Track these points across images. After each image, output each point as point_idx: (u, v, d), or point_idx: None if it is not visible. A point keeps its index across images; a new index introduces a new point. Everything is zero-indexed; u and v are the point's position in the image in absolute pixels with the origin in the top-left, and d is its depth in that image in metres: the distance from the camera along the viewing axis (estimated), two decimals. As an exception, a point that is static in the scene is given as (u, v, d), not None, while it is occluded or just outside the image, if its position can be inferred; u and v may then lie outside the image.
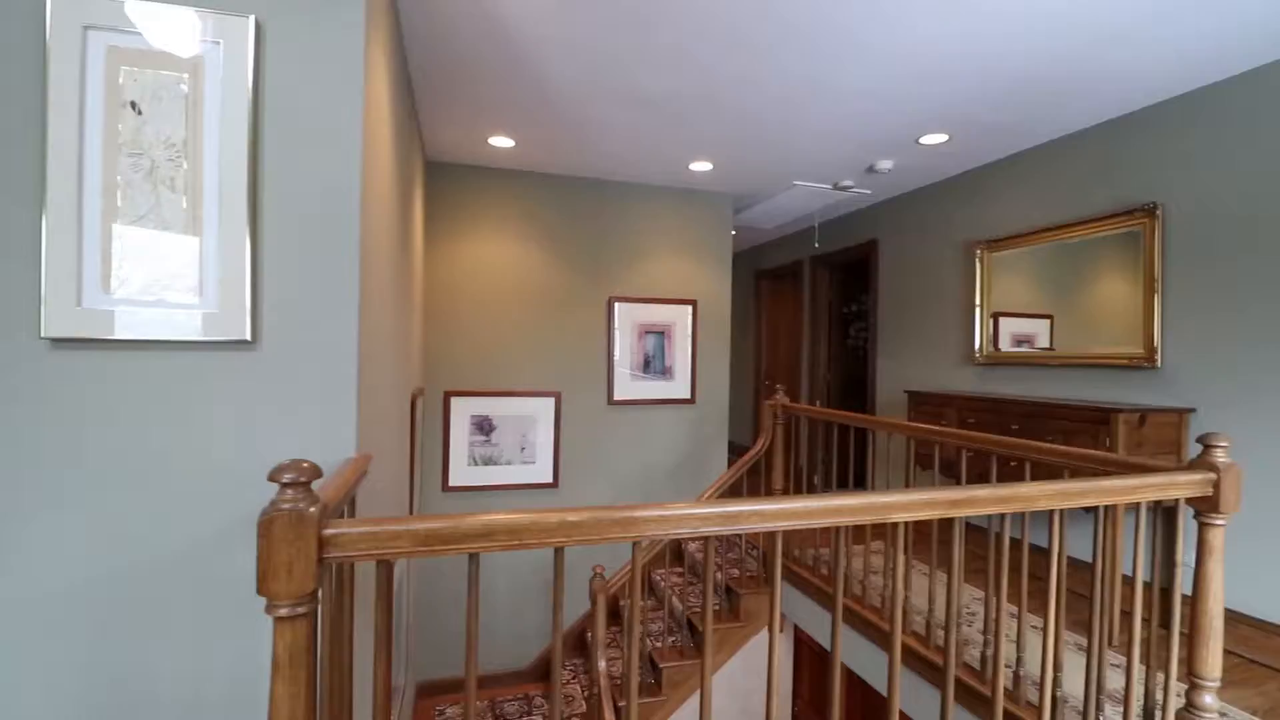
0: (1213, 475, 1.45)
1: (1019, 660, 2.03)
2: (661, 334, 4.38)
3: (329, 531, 0.98)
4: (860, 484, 5.38)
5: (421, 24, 2.33)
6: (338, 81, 1.44)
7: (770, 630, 1.26)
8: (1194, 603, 1.52)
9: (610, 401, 4.24)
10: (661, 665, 3.25)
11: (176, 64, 1.35)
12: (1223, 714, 2.07)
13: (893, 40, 2.40)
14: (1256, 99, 2.56)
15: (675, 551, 4.14)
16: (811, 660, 3.91)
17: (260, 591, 0.92)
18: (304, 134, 1.42)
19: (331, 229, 1.44)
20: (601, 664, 2.90)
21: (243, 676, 1.37)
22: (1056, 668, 1.86)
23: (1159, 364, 2.86)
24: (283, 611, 0.93)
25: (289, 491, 0.96)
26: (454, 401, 3.91)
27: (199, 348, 1.36)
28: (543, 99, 2.98)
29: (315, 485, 1.32)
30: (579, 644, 4.16)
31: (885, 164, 3.90)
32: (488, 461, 3.95)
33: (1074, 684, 2.12)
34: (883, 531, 3.72)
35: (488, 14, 2.26)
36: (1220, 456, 1.47)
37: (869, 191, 4.56)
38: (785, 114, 3.13)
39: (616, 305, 4.28)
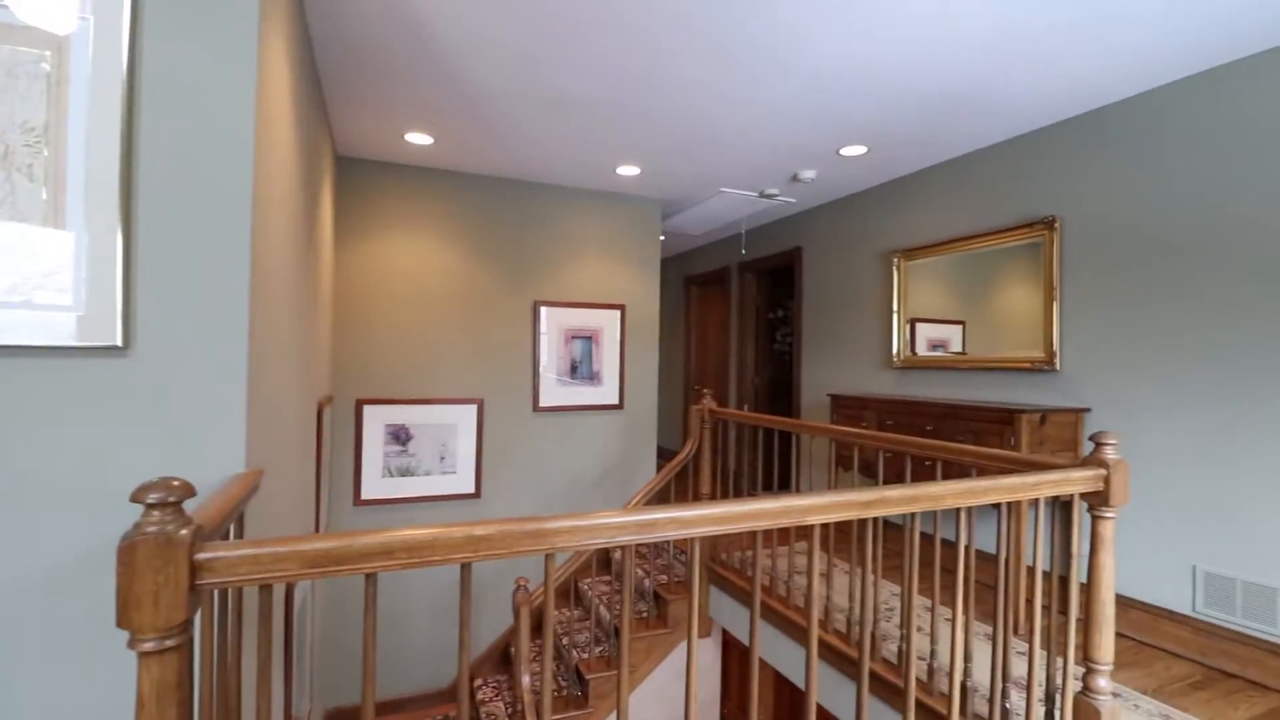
0: (1103, 471, 1.53)
1: (932, 653, 2.09)
2: (589, 339, 4.33)
3: (203, 556, 0.88)
4: (788, 485, 5.50)
5: (327, 10, 2.20)
6: (228, 67, 1.33)
7: (689, 638, 1.24)
8: (1088, 591, 1.60)
9: (536, 408, 4.16)
10: (588, 676, 3.19)
11: (36, 40, 1.20)
12: (1116, 694, 2.20)
13: (810, 56, 2.45)
14: (1145, 121, 2.76)
15: (603, 559, 4.09)
16: (741, 662, 3.94)
17: (120, 624, 0.83)
18: (189, 122, 1.29)
19: (219, 225, 1.32)
20: (525, 679, 2.81)
21: (106, 716, 1.23)
22: (966, 658, 1.93)
23: (1058, 367, 3.05)
24: (148, 645, 0.83)
25: (156, 513, 0.86)
26: (367, 410, 3.72)
27: (73, 354, 1.22)
28: (461, 97, 2.89)
29: (191, 505, 1.20)
30: (503, 659, 4.04)
31: (808, 174, 4.00)
32: (404, 472, 3.78)
33: (984, 672, 2.21)
34: (807, 533, 3.80)
35: (397, 7, 2.16)
36: (1110, 453, 1.55)
37: (794, 200, 4.67)
38: (710, 122, 3.16)
39: (543, 309, 4.20)
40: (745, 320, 5.88)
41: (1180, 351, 2.59)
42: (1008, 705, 1.82)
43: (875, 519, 2.20)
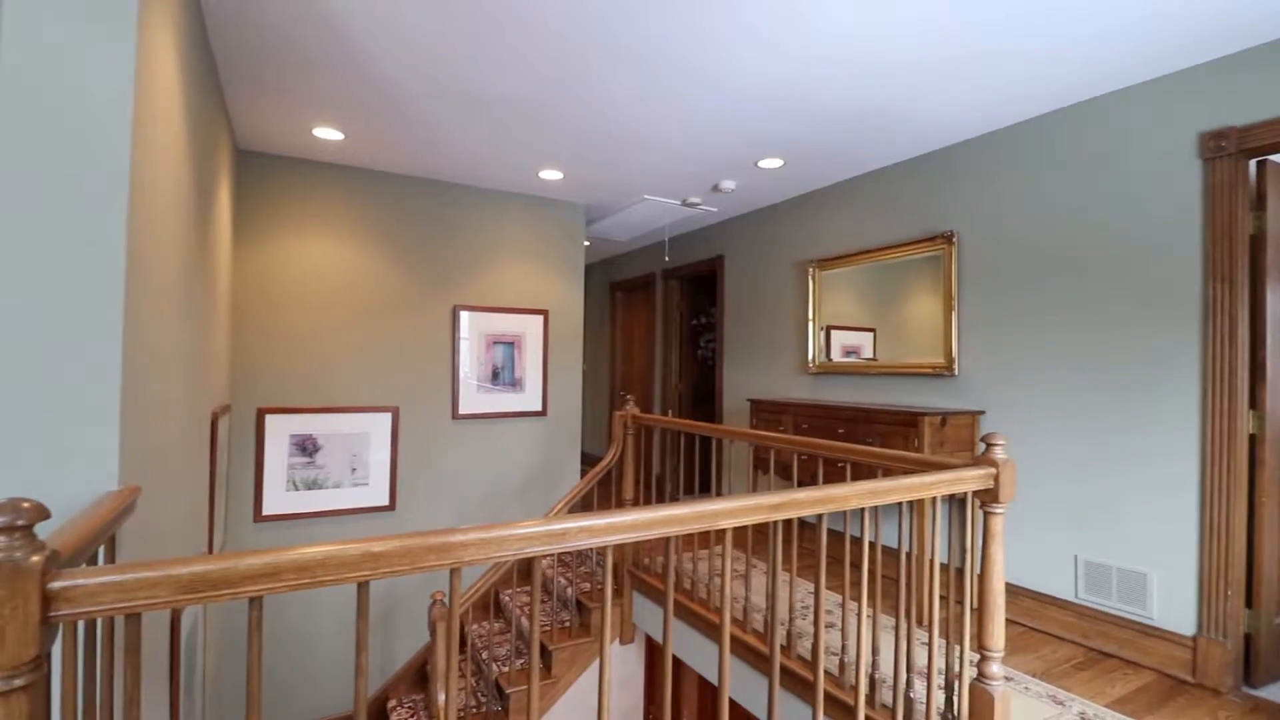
0: (993, 470, 1.63)
1: (844, 648, 2.17)
2: (511, 344, 4.25)
3: (58, 585, 0.80)
4: (717, 490, 5.58)
5: (225, -5, 2.07)
6: (104, 47, 1.22)
7: (601, 647, 1.23)
8: (980, 582, 1.70)
9: (455, 416, 4.04)
10: (509, 690, 3.12)
11: None
12: (1009, 678, 2.35)
13: (729, 71, 2.51)
14: (1032, 145, 2.99)
15: (524, 569, 4.01)
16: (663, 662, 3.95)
17: (-44, 664, 0.73)
18: (53, 108, 1.18)
19: (91, 218, 1.20)
20: (441, 697, 2.71)
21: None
22: (875, 650, 2.01)
23: (956, 372, 3.24)
24: (-6, 685, 0.74)
25: (1, 539, 0.77)
26: (270, 420, 3.50)
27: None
28: (374, 91, 2.78)
29: (49, 528, 1.09)
30: (420, 677, 3.89)
31: (729, 184, 4.09)
32: (311, 485, 3.58)
33: (891, 663, 2.31)
34: (738, 537, 3.87)
35: (305, -8, 2.06)
36: (999, 454, 1.66)
37: (715, 209, 4.77)
38: (633, 130, 3.18)
39: (463, 314, 4.09)
40: (670, 326, 5.94)
41: (1062, 359, 2.81)
42: (911, 695, 1.91)
43: (788, 520, 2.26)
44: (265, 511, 3.48)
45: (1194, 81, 2.44)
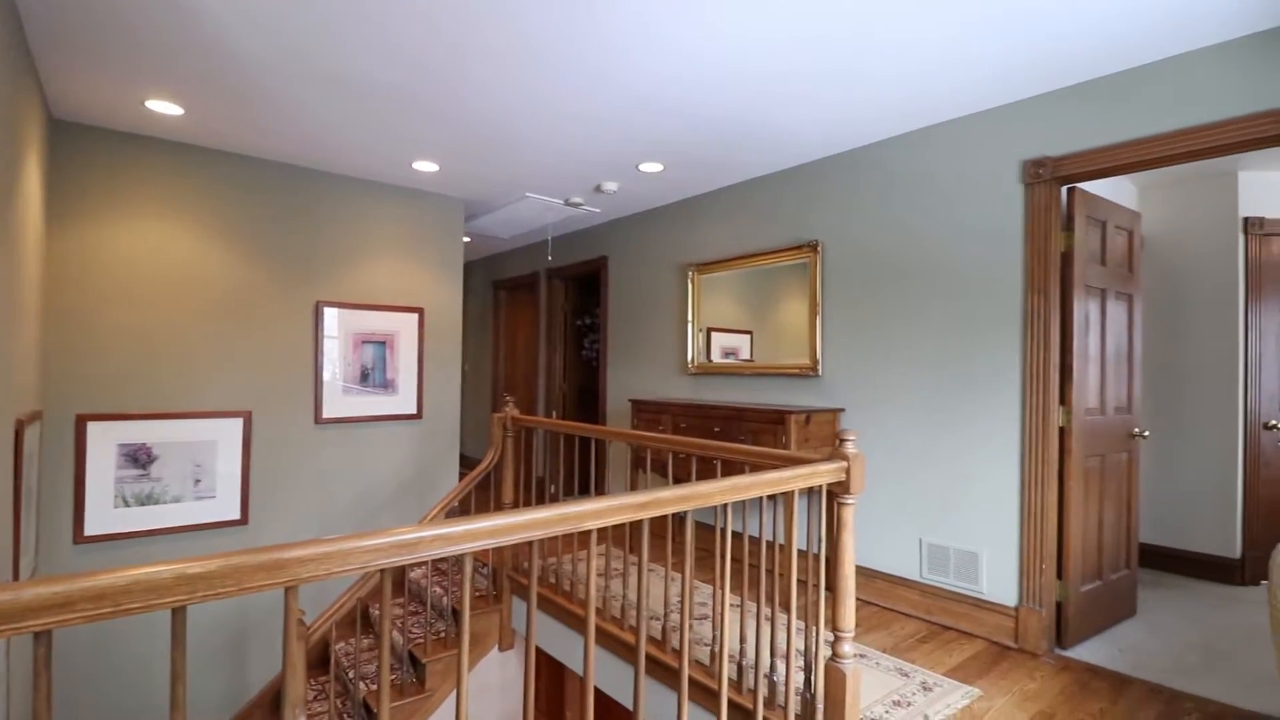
0: (845, 464, 1.75)
1: (715, 638, 2.23)
2: (383, 343, 4.02)
3: None
4: (597, 489, 5.58)
5: (26, -62, 1.79)
6: None
7: (460, 660, 1.18)
8: (832, 569, 1.81)
9: (318, 420, 3.76)
10: (378, 710, 2.94)
11: None
12: (862, 655, 2.54)
13: (607, 72, 2.51)
14: (885, 164, 3.24)
15: (396, 580, 3.82)
16: (549, 672, 3.91)
17: None
18: None
19: None
20: (298, 724, 2.51)
21: None
22: (742, 639, 2.09)
23: (820, 373, 3.45)
24: None
25: None
26: (92, 428, 3.09)
27: None
28: (220, 65, 2.52)
29: None
30: (275, 704, 3.59)
31: (611, 185, 4.11)
32: (146, 500, 3.20)
33: (755, 648, 2.41)
34: (617, 535, 3.88)
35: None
36: (850, 448, 1.78)
37: (598, 210, 4.78)
38: (513, 125, 3.11)
39: (326, 311, 3.82)
40: (554, 327, 5.89)
41: (909, 361, 3.08)
42: (775, 678, 2.00)
43: (661, 517, 2.27)
44: (88, 532, 3.06)
45: (1019, 114, 2.75)
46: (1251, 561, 3.49)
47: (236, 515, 3.44)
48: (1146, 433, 3.07)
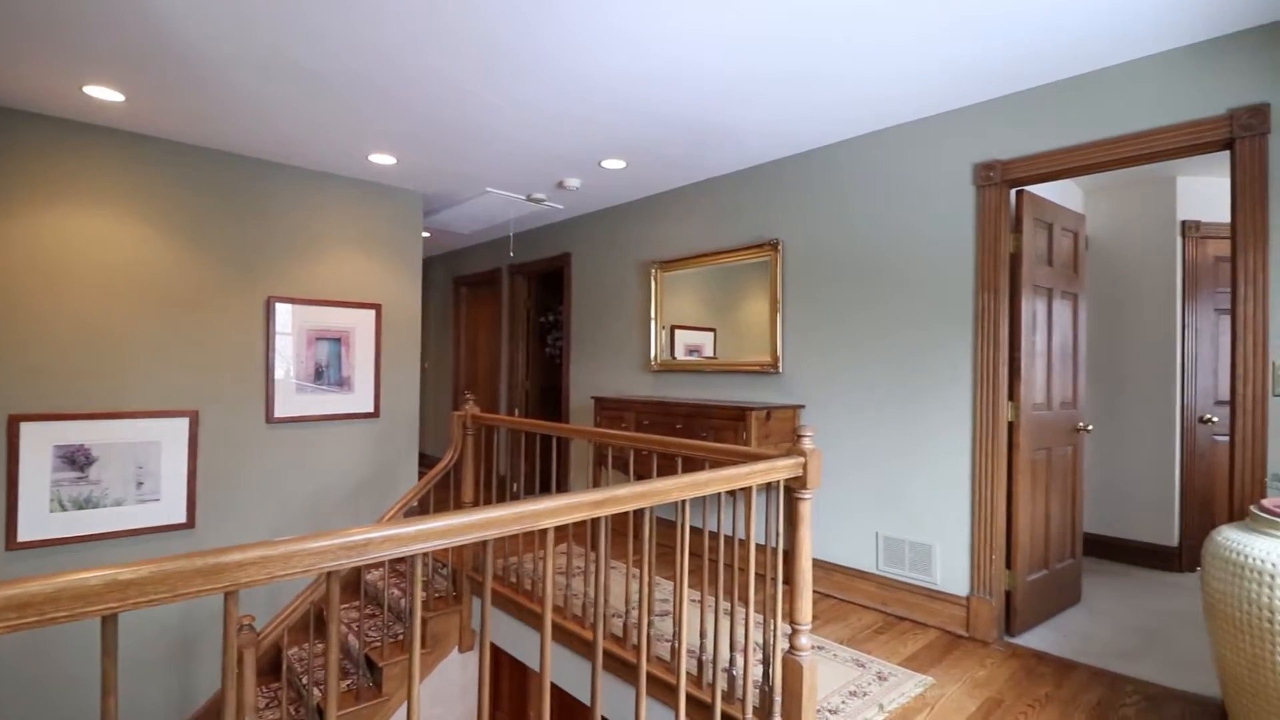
0: (802, 459, 1.77)
1: (675, 634, 2.24)
2: (338, 340, 3.92)
3: None
4: (560, 487, 5.55)
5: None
6: None
7: (410, 662, 1.16)
8: (790, 562, 1.83)
9: (270, 419, 3.65)
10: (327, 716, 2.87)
11: None
12: (820, 647, 2.58)
13: (570, 67, 2.49)
14: (843, 164, 3.29)
15: (351, 582, 3.74)
16: (511, 670, 3.87)
17: None
18: None
19: None
20: (247, 733, 2.43)
21: None
22: (701, 634, 2.10)
23: (780, 369, 3.49)
24: None
25: None
26: (26, 429, 2.93)
27: None
28: (165, 51, 2.42)
29: None
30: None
31: (574, 181, 4.09)
32: (84, 504, 3.05)
33: (713, 641, 2.43)
34: (579, 533, 3.86)
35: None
36: (807, 444, 1.80)
37: (561, 207, 4.74)
38: (470, 119, 3.06)
39: (278, 306, 3.70)
40: (517, 324, 5.83)
41: (866, 358, 3.14)
42: (734, 672, 2.02)
43: (623, 514, 2.25)
44: (21, 538, 2.91)
45: (971, 119, 2.82)
46: (1188, 549, 3.66)
47: (182, 519, 3.31)
48: (1090, 427, 3.19)
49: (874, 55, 2.42)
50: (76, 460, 3.04)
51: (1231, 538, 1.73)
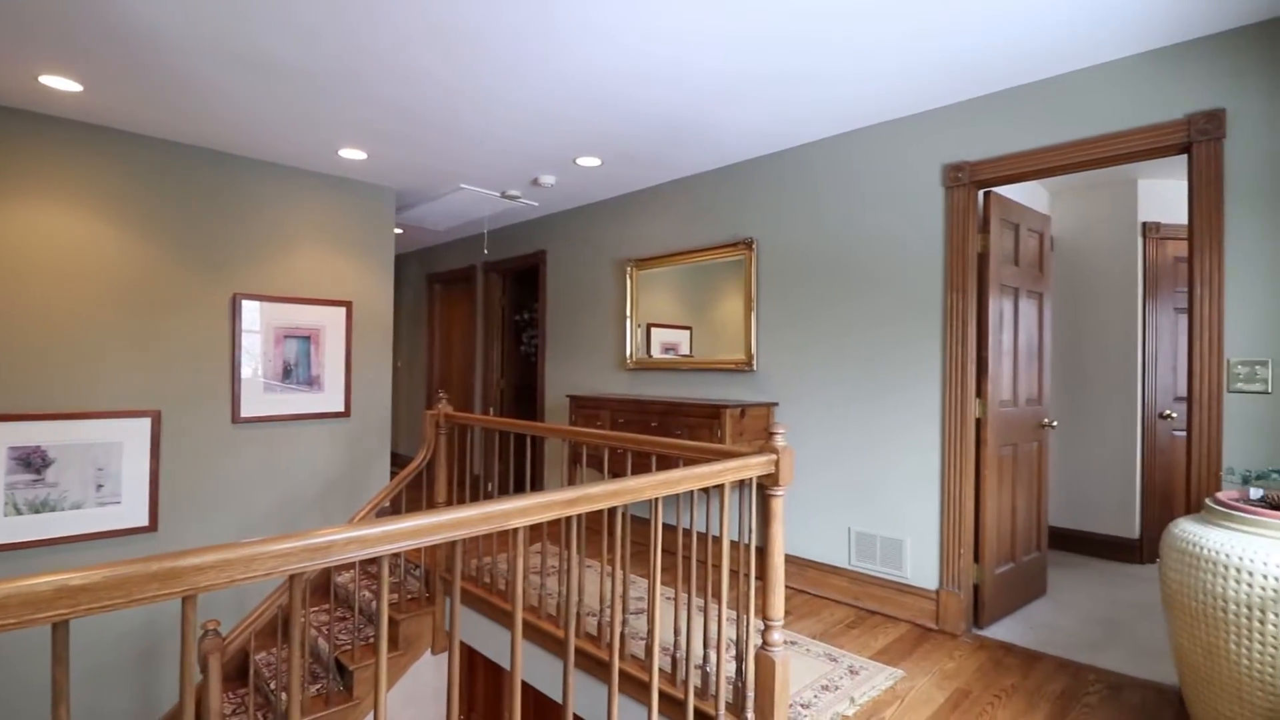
0: (774, 457, 1.78)
1: (649, 632, 2.24)
2: (307, 338, 3.84)
3: None
4: (536, 486, 5.52)
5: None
6: None
7: (378, 665, 1.14)
8: (763, 559, 1.85)
9: (236, 419, 3.56)
10: (301, 720, 2.82)
11: None
12: (792, 643, 2.60)
13: (545, 64, 2.47)
14: (816, 164, 3.32)
15: (321, 585, 3.67)
16: (486, 672, 3.84)
17: None
18: None
19: None
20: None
21: None
22: (676, 631, 2.11)
23: (755, 367, 3.52)
24: None
25: None
26: (-21, 429, 2.84)
27: None
28: (125, 41, 2.35)
29: None
30: None
31: (548, 179, 4.06)
32: (41, 508, 2.95)
33: (687, 639, 2.43)
34: (554, 532, 3.85)
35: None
36: (779, 442, 1.82)
37: (536, 204, 4.71)
38: (445, 114, 3.02)
39: (245, 304, 3.61)
40: (491, 322, 5.78)
41: (839, 356, 3.17)
42: (708, 669, 2.03)
43: (599, 512, 2.24)
44: (-29, 543, 2.81)
45: (941, 120, 2.86)
46: (1149, 541, 3.76)
47: (144, 522, 3.22)
48: (1055, 423, 3.27)
49: (849, 57, 2.45)
50: (32, 462, 2.93)
51: (1188, 530, 1.79)
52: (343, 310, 3.99)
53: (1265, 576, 1.56)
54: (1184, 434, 3.69)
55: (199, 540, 3.43)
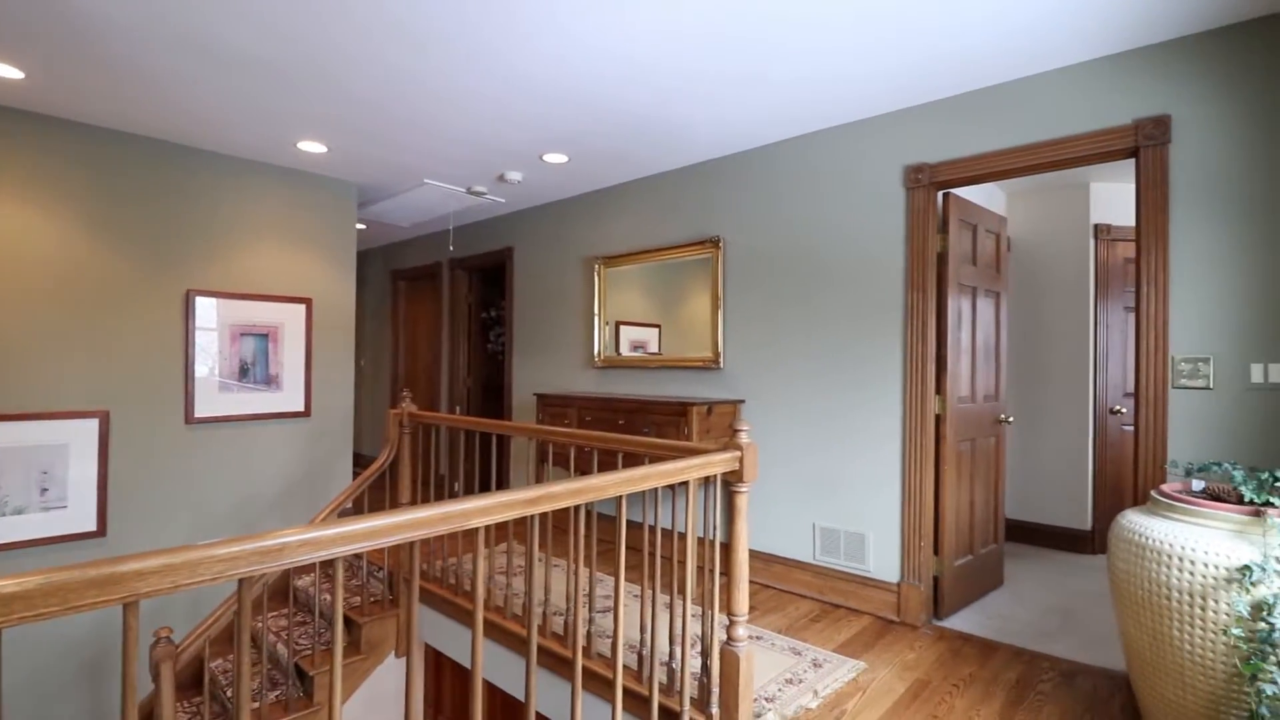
0: (738, 453, 1.79)
1: (616, 631, 2.24)
2: (265, 336, 3.74)
3: None
4: (500, 484, 5.47)
5: None
6: None
7: (332, 674, 1.11)
8: (727, 554, 1.86)
9: (190, 419, 3.45)
10: (260, 728, 2.75)
11: None
12: (758, 637, 2.62)
13: (510, 59, 2.44)
14: (780, 164, 3.35)
15: (280, 588, 3.58)
16: (454, 675, 3.79)
17: None
18: None
19: None
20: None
21: None
22: (641, 628, 2.11)
23: (721, 365, 3.54)
24: None
25: None
26: (-90, 432, 2.70)
27: None
28: (69, 25, 2.25)
29: None
30: (145, 730, 3.28)
31: (515, 175, 4.02)
32: (-24, 513, 2.83)
33: (655, 636, 2.44)
34: (520, 532, 3.81)
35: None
36: (743, 438, 1.83)
37: (503, 200, 4.66)
38: (410, 108, 2.96)
39: (199, 300, 3.50)
40: (458, 319, 5.70)
41: (803, 353, 3.21)
42: (674, 665, 2.03)
43: (564, 510, 2.20)
44: (-98, 552, 2.67)
45: (902, 122, 2.91)
46: (1100, 533, 3.90)
47: (92, 527, 3.10)
48: (1011, 418, 3.36)
49: (812, 59, 2.47)
50: (-32, 466, 2.80)
51: (1134, 521, 1.85)
52: (302, 307, 3.90)
53: (1206, 565, 1.62)
54: (1133, 428, 3.83)
55: (151, 545, 3.31)
